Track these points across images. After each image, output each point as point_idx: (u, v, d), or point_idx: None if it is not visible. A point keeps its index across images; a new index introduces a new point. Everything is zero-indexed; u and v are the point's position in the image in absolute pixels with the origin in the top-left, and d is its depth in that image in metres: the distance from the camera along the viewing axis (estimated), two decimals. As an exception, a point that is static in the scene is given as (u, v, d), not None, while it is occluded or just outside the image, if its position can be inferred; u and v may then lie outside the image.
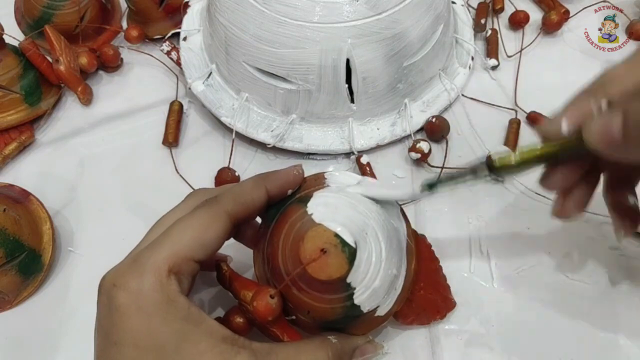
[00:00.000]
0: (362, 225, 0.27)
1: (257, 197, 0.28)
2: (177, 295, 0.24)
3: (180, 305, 0.24)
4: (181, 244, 0.26)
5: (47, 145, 0.45)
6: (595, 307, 0.35)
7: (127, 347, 0.24)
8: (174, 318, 0.24)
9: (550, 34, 0.50)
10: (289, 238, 0.27)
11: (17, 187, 0.40)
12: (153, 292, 0.24)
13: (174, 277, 0.25)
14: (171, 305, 0.24)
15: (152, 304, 0.24)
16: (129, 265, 0.25)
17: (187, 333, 0.24)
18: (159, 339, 0.24)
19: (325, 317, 0.28)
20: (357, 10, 0.37)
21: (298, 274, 0.26)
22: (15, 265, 0.35)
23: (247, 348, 0.25)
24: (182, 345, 0.24)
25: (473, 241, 0.39)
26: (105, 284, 0.25)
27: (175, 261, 0.25)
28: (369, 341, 0.31)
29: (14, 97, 0.43)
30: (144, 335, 0.24)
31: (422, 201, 0.40)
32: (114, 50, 0.48)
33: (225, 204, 0.27)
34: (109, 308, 0.24)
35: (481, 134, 0.43)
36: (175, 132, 0.44)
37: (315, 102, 0.40)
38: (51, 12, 0.46)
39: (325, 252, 0.26)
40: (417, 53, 0.41)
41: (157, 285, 0.24)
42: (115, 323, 0.24)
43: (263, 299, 0.26)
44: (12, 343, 0.36)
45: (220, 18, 0.41)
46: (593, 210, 0.39)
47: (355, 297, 0.27)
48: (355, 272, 0.26)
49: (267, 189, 0.29)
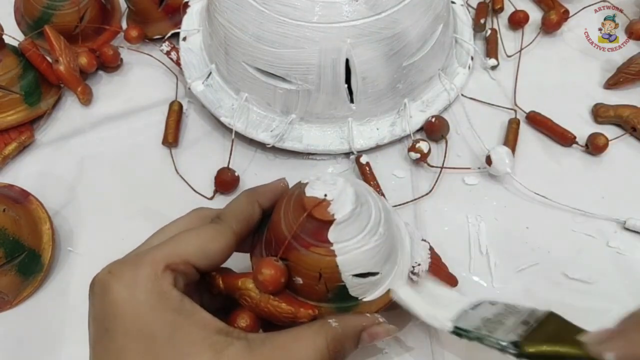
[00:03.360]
0: (363, 192, 0.28)
1: (253, 212, 0.30)
2: (170, 288, 0.25)
3: (173, 297, 0.25)
4: (183, 247, 0.26)
5: (47, 145, 0.45)
6: (595, 307, 0.35)
7: (118, 335, 0.24)
8: (166, 309, 0.24)
9: (550, 34, 0.50)
10: (289, 205, 0.28)
11: (17, 187, 0.40)
12: (147, 282, 0.24)
13: (170, 273, 0.25)
14: (163, 296, 0.24)
15: (145, 293, 0.24)
16: (127, 258, 0.26)
17: (179, 324, 0.24)
18: (150, 328, 0.24)
19: (336, 281, 0.28)
20: (357, 10, 0.37)
21: (303, 226, 0.27)
22: (15, 265, 0.35)
23: (242, 339, 0.25)
24: (173, 334, 0.24)
25: (473, 241, 0.39)
26: (101, 273, 0.26)
27: (174, 260, 0.25)
28: (378, 323, 0.28)
29: (14, 97, 0.43)
30: (135, 323, 0.24)
31: (422, 201, 0.40)
32: (114, 51, 0.48)
33: (230, 222, 0.28)
34: (103, 295, 0.25)
35: (481, 134, 0.43)
36: (175, 132, 0.44)
37: (314, 102, 0.40)
38: (51, 13, 0.46)
39: (326, 197, 0.27)
40: (417, 53, 0.41)
41: (151, 276, 0.25)
42: (108, 310, 0.24)
43: (269, 264, 0.27)
44: (12, 343, 0.36)
45: (220, 18, 0.41)
46: (593, 210, 0.39)
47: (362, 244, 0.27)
48: (359, 216, 0.27)
49: (260, 204, 0.30)
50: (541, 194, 0.40)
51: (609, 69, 0.46)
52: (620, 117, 0.43)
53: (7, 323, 0.36)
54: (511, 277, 0.37)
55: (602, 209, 0.39)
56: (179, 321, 0.24)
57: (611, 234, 0.38)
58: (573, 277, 0.37)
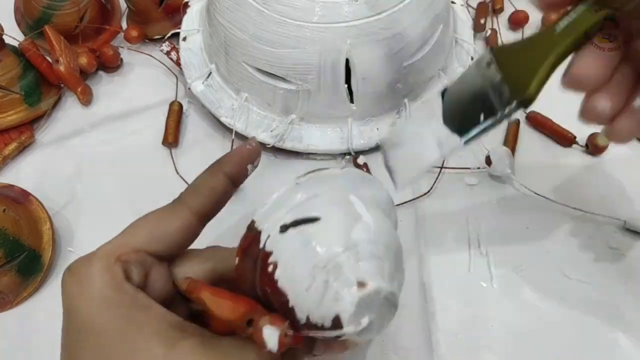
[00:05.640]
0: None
1: (217, 185, 0.28)
2: (122, 281, 0.24)
3: (125, 290, 0.24)
4: (133, 235, 0.26)
5: (47, 145, 0.45)
6: (595, 307, 0.35)
7: (73, 331, 0.24)
8: (118, 303, 0.24)
9: (550, 34, 0.50)
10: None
11: (17, 187, 0.40)
12: (99, 277, 0.24)
13: (120, 264, 0.25)
14: (116, 290, 0.24)
15: (97, 288, 0.24)
16: (84, 255, 0.26)
17: (132, 318, 0.24)
18: (100, 324, 0.23)
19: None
20: (357, 10, 0.37)
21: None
22: (15, 265, 0.35)
23: (197, 335, 0.24)
24: (125, 329, 0.23)
25: (472, 241, 0.39)
26: (63, 271, 0.26)
27: (124, 250, 0.25)
28: None
29: (14, 98, 0.43)
30: (87, 318, 0.24)
31: (422, 201, 0.40)
32: (114, 51, 0.48)
33: (186, 200, 0.27)
34: (62, 293, 0.25)
35: (481, 134, 0.43)
36: (175, 132, 0.44)
37: (314, 102, 0.40)
38: (51, 13, 0.47)
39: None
40: (417, 53, 0.41)
41: (103, 271, 0.24)
42: (65, 307, 0.24)
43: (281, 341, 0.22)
44: (12, 343, 0.36)
45: (220, 18, 0.41)
46: (593, 210, 0.39)
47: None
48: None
49: (225, 172, 0.28)
50: (541, 194, 0.40)
51: (609, 69, 0.46)
52: (620, 117, 0.43)
53: (7, 323, 0.36)
54: (511, 277, 0.37)
55: (602, 209, 0.39)
56: (131, 315, 0.24)
57: (611, 234, 0.38)
58: (573, 277, 0.37)
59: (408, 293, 0.36)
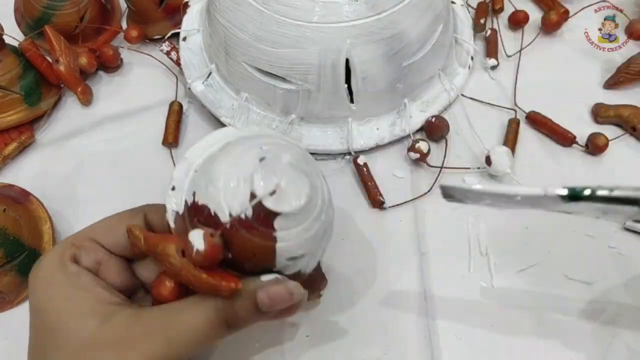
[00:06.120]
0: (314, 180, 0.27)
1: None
2: (67, 262, 0.26)
3: (69, 271, 0.26)
4: (92, 229, 0.28)
5: (47, 145, 0.45)
6: (595, 307, 0.35)
7: (30, 313, 0.26)
8: (62, 283, 0.25)
9: (550, 34, 0.50)
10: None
11: (17, 187, 0.40)
12: (51, 262, 0.26)
13: (72, 249, 0.26)
14: (60, 270, 0.25)
15: (45, 267, 0.26)
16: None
17: (72, 296, 0.25)
18: (43, 301, 0.25)
19: (268, 263, 0.26)
20: (357, 10, 0.37)
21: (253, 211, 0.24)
22: (15, 265, 0.35)
23: (132, 307, 0.26)
24: (63, 307, 0.25)
25: (473, 241, 0.39)
26: None
27: (78, 238, 0.27)
28: (277, 281, 0.26)
29: (14, 98, 0.43)
30: (36, 300, 0.25)
31: (422, 201, 0.40)
32: (114, 51, 0.48)
33: (145, 209, 0.29)
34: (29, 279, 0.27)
35: (480, 134, 0.43)
36: (175, 132, 0.44)
37: (314, 102, 0.40)
38: (51, 13, 0.47)
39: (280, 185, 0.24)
40: (417, 53, 0.41)
41: (54, 253, 0.26)
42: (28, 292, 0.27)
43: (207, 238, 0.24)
44: (12, 343, 0.36)
45: (220, 18, 0.41)
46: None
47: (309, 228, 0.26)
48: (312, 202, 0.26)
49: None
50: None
51: (609, 69, 0.46)
52: (620, 117, 0.43)
53: (7, 323, 0.37)
54: (511, 277, 0.37)
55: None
56: (72, 293, 0.25)
57: (611, 234, 0.38)
58: (573, 277, 0.37)
59: (408, 293, 0.36)
